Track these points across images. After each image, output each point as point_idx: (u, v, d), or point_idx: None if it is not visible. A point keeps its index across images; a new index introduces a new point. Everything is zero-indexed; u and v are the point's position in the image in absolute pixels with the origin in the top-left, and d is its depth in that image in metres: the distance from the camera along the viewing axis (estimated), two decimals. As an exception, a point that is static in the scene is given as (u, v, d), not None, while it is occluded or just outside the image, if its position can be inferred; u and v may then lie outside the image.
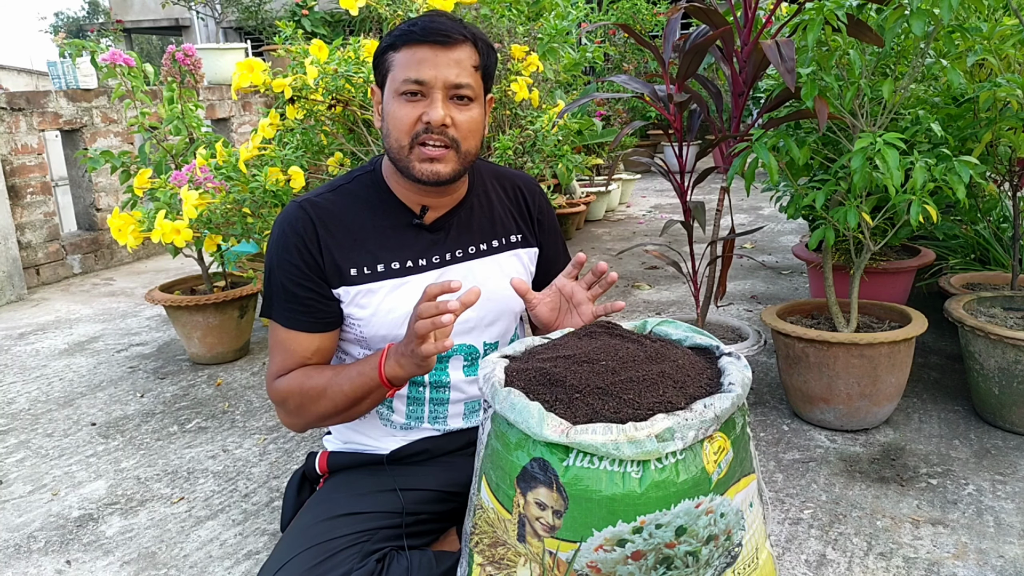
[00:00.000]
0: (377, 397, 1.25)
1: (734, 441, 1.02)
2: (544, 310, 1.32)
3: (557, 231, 1.52)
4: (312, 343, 1.31)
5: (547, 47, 2.68)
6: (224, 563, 1.63)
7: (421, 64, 1.20)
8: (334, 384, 1.25)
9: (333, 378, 1.26)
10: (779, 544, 1.60)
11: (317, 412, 1.28)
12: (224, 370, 2.80)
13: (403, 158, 1.25)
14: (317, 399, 1.26)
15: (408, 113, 1.22)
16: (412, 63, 1.21)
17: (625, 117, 6.07)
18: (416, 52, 1.21)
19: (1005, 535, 1.60)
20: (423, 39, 1.20)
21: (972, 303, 2.22)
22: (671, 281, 3.79)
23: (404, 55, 1.22)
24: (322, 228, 1.28)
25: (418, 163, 1.24)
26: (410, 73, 1.20)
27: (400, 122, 1.22)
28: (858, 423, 2.07)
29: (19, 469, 2.11)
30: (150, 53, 20.86)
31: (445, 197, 1.34)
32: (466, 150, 1.26)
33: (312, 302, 1.29)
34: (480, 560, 1.06)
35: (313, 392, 1.27)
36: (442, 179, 1.25)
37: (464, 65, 1.22)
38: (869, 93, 1.87)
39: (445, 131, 1.22)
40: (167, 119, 2.77)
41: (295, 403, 1.29)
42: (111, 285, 4.26)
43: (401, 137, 1.23)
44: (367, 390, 1.23)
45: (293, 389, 1.28)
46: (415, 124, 1.22)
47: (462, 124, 1.23)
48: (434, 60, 1.20)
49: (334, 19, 8.12)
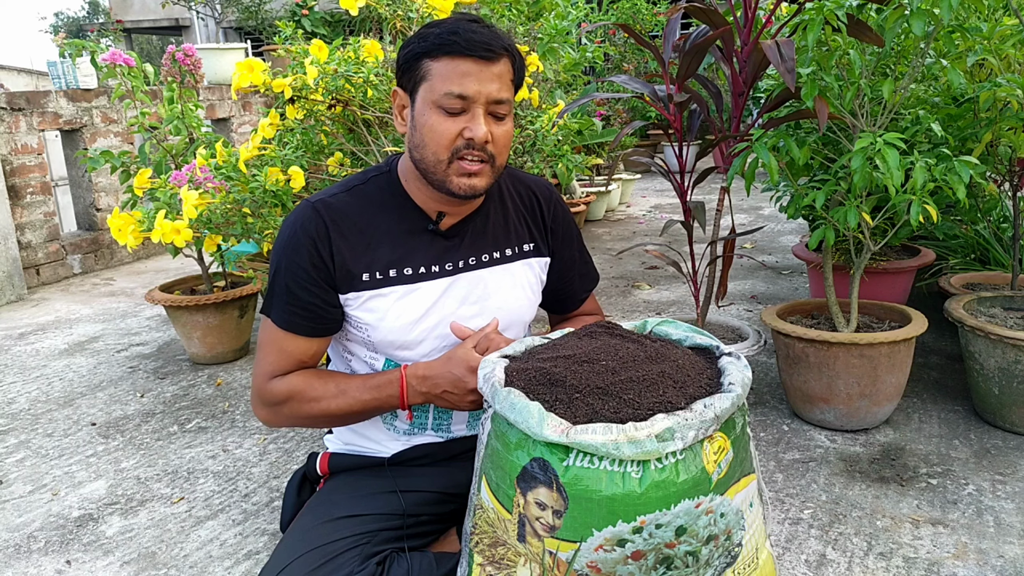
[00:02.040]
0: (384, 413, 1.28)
1: (734, 441, 1.02)
2: None
3: (573, 238, 1.49)
4: (309, 347, 1.29)
5: (547, 47, 2.68)
6: (224, 563, 1.63)
7: (464, 78, 1.17)
8: (340, 399, 1.26)
9: (338, 393, 1.27)
10: (779, 544, 1.60)
11: (311, 419, 1.29)
12: (224, 370, 2.80)
13: (439, 172, 1.22)
14: (316, 409, 1.27)
15: (449, 128, 1.19)
16: (455, 76, 1.17)
17: (625, 117, 6.07)
18: (459, 65, 1.17)
19: (1005, 535, 1.60)
20: (467, 52, 1.16)
21: (972, 303, 2.22)
22: (671, 281, 3.79)
23: (445, 66, 1.17)
24: (335, 230, 1.26)
25: (456, 178, 1.21)
26: (453, 87, 1.17)
27: (440, 136, 1.19)
28: (858, 423, 2.07)
29: (19, 469, 2.11)
30: (150, 53, 20.86)
31: (464, 205, 1.32)
32: (500, 164, 1.25)
33: (315, 307, 1.27)
34: (480, 560, 1.06)
35: (309, 397, 1.27)
36: (478, 193, 1.24)
37: (504, 80, 1.21)
38: (869, 93, 1.87)
39: (485, 147, 1.21)
40: (167, 119, 2.77)
41: (292, 408, 1.28)
42: (111, 285, 4.26)
43: (440, 152, 1.20)
44: (378, 410, 1.26)
45: (294, 395, 1.27)
46: (455, 139, 1.19)
47: (499, 139, 1.22)
48: (478, 75, 1.17)
49: (334, 19, 8.12)
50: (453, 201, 1.28)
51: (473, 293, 1.33)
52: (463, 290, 1.32)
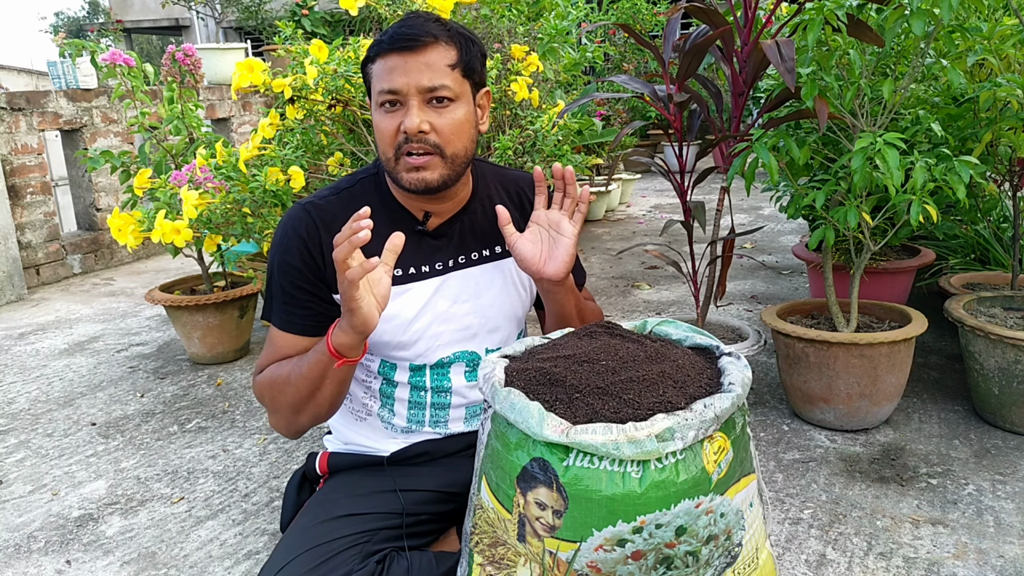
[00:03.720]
0: (336, 378, 1.20)
1: (734, 441, 1.02)
2: (526, 245, 1.27)
3: None
4: (301, 344, 1.29)
5: (547, 47, 2.68)
6: (224, 563, 1.63)
7: (392, 73, 1.19)
8: (296, 369, 1.23)
9: (296, 363, 1.24)
10: (779, 544, 1.60)
11: (287, 402, 1.25)
12: (224, 370, 2.80)
13: (392, 169, 1.24)
14: (284, 387, 1.24)
15: (388, 124, 1.21)
16: (384, 73, 1.20)
17: (625, 117, 6.07)
18: (387, 61, 1.19)
19: (1005, 535, 1.60)
20: (391, 47, 1.19)
21: (972, 303, 2.22)
22: (671, 281, 3.79)
23: (379, 66, 1.21)
24: (325, 231, 1.27)
25: (405, 173, 1.22)
26: (383, 84, 1.20)
27: (383, 134, 1.22)
28: (858, 423, 2.07)
29: (19, 469, 2.11)
30: (150, 53, 20.86)
31: (447, 203, 1.32)
32: (452, 153, 1.23)
33: (311, 304, 1.28)
34: (480, 560, 1.06)
35: (280, 381, 1.25)
36: (431, 186, 1.23)
37: (436, 66, 1.19)
38: (869, 93, 1.87)
39: (425, 138, 1.20)
40: (167, 119, 2.77)
41: (270, 396, 1.28)
42: (111, 285, 4.26)
43: (386, 149, 1.23)
44: (322, 367, 1.18)
45: (266, 381, 1.28)
46: (396, 134, 1.21)
47: (443, 127, 1.21)
48: (404, 67, 1.18)
49: (334, 19, 8.12)
50: (422, 198, 1.29)
51: (464, 292, 1.34)
52: (454, 289, 1.33)
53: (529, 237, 1.28)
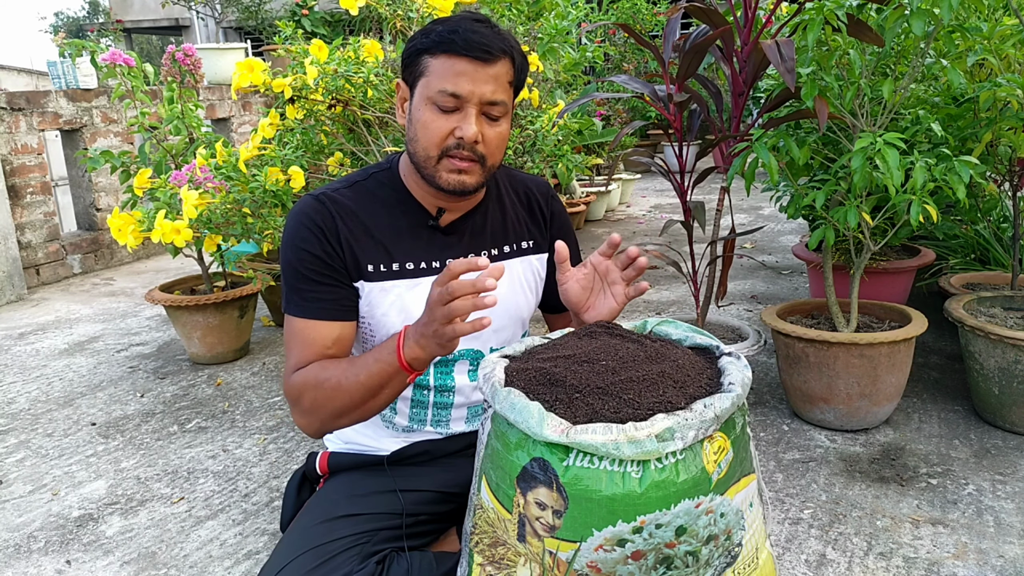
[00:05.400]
0: (397, 385, 1.18)
1: (734, 441, 1.02)
2: (575, 287, 1.26)
3: (569, 234, 1.50)
4: (332, 332, 1.26)
5: (547, 47, 2.68)
6: (224, 563, 1.63)
7: (459, 77, 1.18)
8: (349, 374, 1.18)
9: (348, 368, 1.19)
10: (779, 544, 1.60)
11: (333, 408, 1.20)
12: (224, 370, 2.80)
13: (430, 167, 1.23)
14: (332, 393, 1.19)
15: (441, 125, 1.20)
16: (449, 74, 1.18)
17: (625, 117, 6.07)
18: (455, 64, 1.18)
19: (1005, 535, 1.60)
20: (464, 52, 1.17)
21: (972, 303, 2.22)
22: (671, 281, 3.79)
23: (442, 63, 1.18)
24: (340, 221, 1.27)
25: (445, 173, 1.23)
26: (447, 85, 1.18)
27: (431, 133, 1.21)
28: (858, 423, 2.07)
29: (19, 469, 2.11)
30: (150, 53, 20.86)
31: (463, 201, 1.33)
32: (492, 164, 1.26)
33: (333, 286, 1.26)
34: (480, 560, 1.06)
35: (328, 385, 1.20)
36: (467, 189, 1.25)
37: (501, 81, 1.21)
38: (869, 93, 1.87)
39: (474, 147, 1.21)
40: (167, 119, 2.77)
41: (310, 399, 1.22)
42: (111, 285, 4.26)
43: (430, 148, 1.22)
44: (386, 377, 1.16)
45: (308, 382, 1.21)
46: (446, 137, 1.21)
47: (491, 140, 1.23)
48: (473, 75, 1.18)
49: (334, 19, 8.13)
50: (449, 197, 1.29)
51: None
52: None
53: (581, 280, 1.27)
